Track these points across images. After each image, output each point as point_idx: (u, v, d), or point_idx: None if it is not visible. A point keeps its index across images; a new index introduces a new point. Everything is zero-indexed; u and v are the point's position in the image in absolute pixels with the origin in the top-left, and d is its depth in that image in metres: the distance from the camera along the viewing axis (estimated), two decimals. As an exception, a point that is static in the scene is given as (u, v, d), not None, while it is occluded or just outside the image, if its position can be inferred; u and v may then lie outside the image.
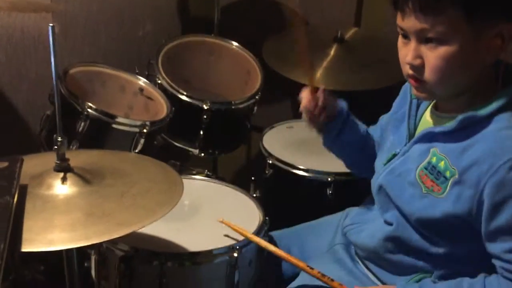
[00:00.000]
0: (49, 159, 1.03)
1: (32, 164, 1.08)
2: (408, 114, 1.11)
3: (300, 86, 1.98)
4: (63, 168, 1.00)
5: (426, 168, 1.01)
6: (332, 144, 1.29)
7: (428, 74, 0.96)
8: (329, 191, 1.56)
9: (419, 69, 0.96)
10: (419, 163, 1.03)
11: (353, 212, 1.27)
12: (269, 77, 1.97)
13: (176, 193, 1.02)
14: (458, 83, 0.98)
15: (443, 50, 0.93)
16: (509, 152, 0.91)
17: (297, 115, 2.23)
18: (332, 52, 2.00)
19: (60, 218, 0.92)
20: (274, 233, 1.36)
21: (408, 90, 1.13)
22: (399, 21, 0.97)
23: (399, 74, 1.10)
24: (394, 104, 1.20)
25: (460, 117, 0.97)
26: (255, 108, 1.93)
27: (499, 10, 0.91)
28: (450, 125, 0.98)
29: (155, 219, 0.92)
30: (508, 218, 0.92)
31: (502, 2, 0.91)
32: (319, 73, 1.94)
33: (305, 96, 1.25)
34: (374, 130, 1.31)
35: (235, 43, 2.05)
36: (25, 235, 0.86)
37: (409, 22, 0.94)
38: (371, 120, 1.34)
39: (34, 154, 1.22)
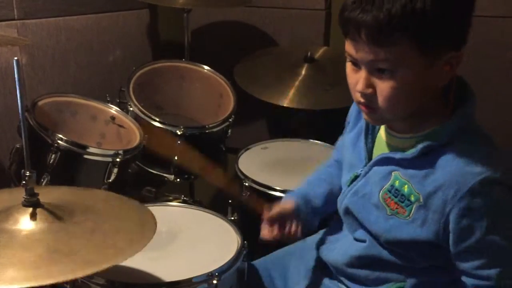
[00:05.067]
0: (19, 194, 1.00)
1: (0, 199, 1.05)
2: (365, 133, 1.10)
3: (272, 107, 2.00)
4: (32, 203, 0.97)
5: (389, 191, 1.02)
6: (313, 223, 1.28)
7: (380, 103, 0.95)
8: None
9: (370, 97, 0.96)
10: (382, 185, 1.03)
11: (325, 230, 1.27)
12: (241, 99, 1.98)
13: (148, 232, 1.00)
14: (409, 108, 0.98)
15: (395, 80, 0.92)
16: (471, 178, 0.92)
17: (272, 136, 2.25)
18: (303, 71, 2.02)
19: (24, 255, 0.89)
20: (256, 262, 1.34)
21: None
22: (349, 49, 0.95)
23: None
24: (349, 119, 1.19)
25: (420, 146, 0.97)
26: (229, 130, 1.93)
27: (449, 40, 0.92)
28: (410, 153, 0.99)
29: (124, 258, 0.90)
30: (477, 240, 0.94)
31: (452, 33, 0.92)
32: (291, 93, 1.96)
33: (263, 230, 1.24)
34: (338, 151, 1.29)
35: (206, 67, 2.06)
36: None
37: (361, 52, 0.93)
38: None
39: (3, 189, 1.19)
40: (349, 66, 0.99)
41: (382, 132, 1.09)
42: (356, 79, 0.96)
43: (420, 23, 0.87)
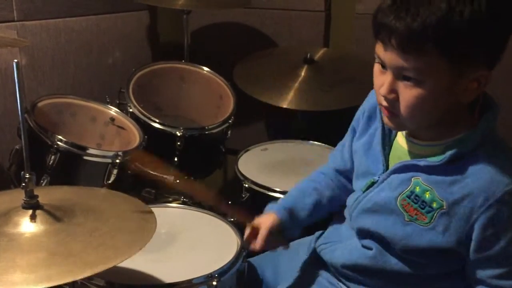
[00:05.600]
0: (18, 195, 1.00)
1: (0, 201, 1.05)
2: (382, 139, 1.09)
3: (272, 108, 2.00)
4: (31, 205, 0.97)
5: (408, 197, 1.00)
6: (298, 233, 1.27)
7: (402, 110, 0.94)
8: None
9: (393, 102, 0.95)
10: (401, 191, 1.01)
11: (326, 230, 1.26)
12: (241, 100, 1.98)
13: (148, 232, 1.00)
14: (430, 118, 0.97)
15: (419, 90, 0.91)
16: (501, 187, 0.92)
17: (271, 137, 2.25)
18: (302, 73, 2.02)
19: (24, 258, 0.89)
20: (252, 259, 1.34)
21: (377, 112, 1.11)
22: (379, 50, 0.94)
23: (369, 92, 1.11)
24: (357, 125, 1.18)
25: (449, 152, 0.96)
26: (229, 132, 1.93)
27: (480, 59, 0.90)
28: (436, 159, 0.97)
29: (123, 259, 0.90)
30: (500, 249, 0.94)
31: (484, 52, 0.90)
32: (291, 94, 1.96)
33: (246, 236, 1.23)
34: (341, 159, 1.26)
35: (206, 68, 2.06)
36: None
37: (389, 58, 0.92)
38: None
39: (3, 190, 1.19)
40: (376, 66, 0.98)
41: (400, 139, 1.08)
42: (382, 81, 0.95)
43: (454, 38, 0.86)
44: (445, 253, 0.99)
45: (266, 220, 1.20)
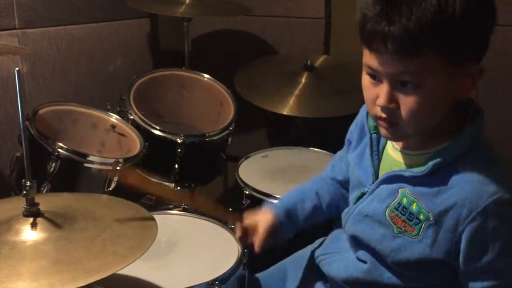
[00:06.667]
0: (19, 203, 1.00)
1: (1, 209, 1.05)
2: (370, 151, 1.08)
3: (272, 115, 2.00)
4: (33, 213, 0.97)
5: (396, 209, 0.99)
6: (294, 234, 1.28)
7: (404, 117, 0.92)
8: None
9: (393, 111, 0.92)
10: (389, 203, 1.00)
11: (324, 241, 1.26)
12: (242, 107, 1.98)
13: (149, 237, 0.99)
14: (432, 122, 0.96)
15: (419, 94, 0.90)
16: (485, 198, 0.90)
17: (272, 144, 2.25)
18: (303, 80, 2.02)
19: (26, 266, 0.89)
20: (259, 275, 1.33)
21: (365, 124, 1.10)
22: (370, 62, 0.92)
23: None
24: (351, 138, 1.17)
25: (430, 163, 0.95)
26: (230, 139, 1.93)
27: (473, 51, 0.91)
28: (420, 170, 0.96)
29: (125, 265, 0.89)
30: (488, 260, 0.92)
31: (477, 43, 0.90)
32: (291, 101, 1.96)
33: (237, 231, 1.25)
34: (340, 170, 1.27)
35: (206, 75, 2.06)
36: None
37: (385, 65, 0.90)
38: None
39: (4, 198, 1.19)
40: (366, 79, 0.95)
41: (389, 149, 1.07)
42: (376, 93, 0.93)
43: (448, 35, 0.85)
44: (436, 264, 0.97)
45: (264, 220, 1.21)
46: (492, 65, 1.92)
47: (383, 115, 0.94)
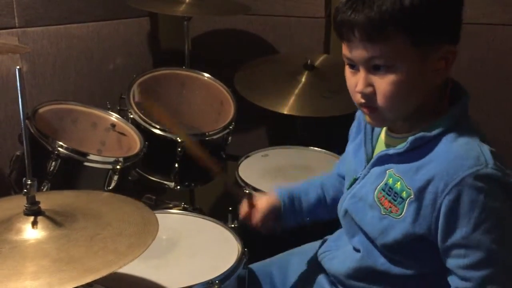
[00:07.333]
0: (19, 202, 1.00)
1: (1, 208, 1.05)
2: (364, 139, 1.12)
3: (273, 114, 2.00)
4: (33, 211, 0.97)
5: (383, 190, 1.02)
6: (296, 223, 1.31)
7: (380, 101, 0.96)
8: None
9: (370, 96, 0.97)
10: (377, 184, 1.04)
11: (328, 238, 1.27)
12: (242, 106, 1.98)
13: (150, 235, 0.99)
14: (409, 105, 0.99)
15: (392, 76, 0.94)
16: (462, 171, 0.91)
17: (272, 143, 2.25)
18: (303, 79, 2.03)
19: (26, 265, 0.89)
20: (254, 266, 1.33)
21: (361, 116, 1.15)
22: (345, 51, 0.98)
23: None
24: (351, 132, 1.22)
25: (410, 138, 0.99)
26: (230, 138, 1.93)
27: (441, 32, 0.94)
28: (401, 146, 1.00)
29: (124, 263, 0.89)
30: (463, 236, 0.92)
31: (443, 24, 0.94)
32: (291, 100, 1.96)
33: (243, 210, 1.29)
34: (343, 166, 1.29)
35: (206, 74, 2.06)
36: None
37: (356, 52, 0.95)
38: (344, 145, 1.35)
39: (4, 197, 1.19)
40: (347, 69, 1.01)
41: (382, 135, 1.11)
42: (355, 81, 0.98)
43: (410, 16, 0.90)
44: (421, 244, 0.98)
45: (268, 198, 1.28)
46: (492, 65, 1.94)
47: (363, 100, 0.99)
